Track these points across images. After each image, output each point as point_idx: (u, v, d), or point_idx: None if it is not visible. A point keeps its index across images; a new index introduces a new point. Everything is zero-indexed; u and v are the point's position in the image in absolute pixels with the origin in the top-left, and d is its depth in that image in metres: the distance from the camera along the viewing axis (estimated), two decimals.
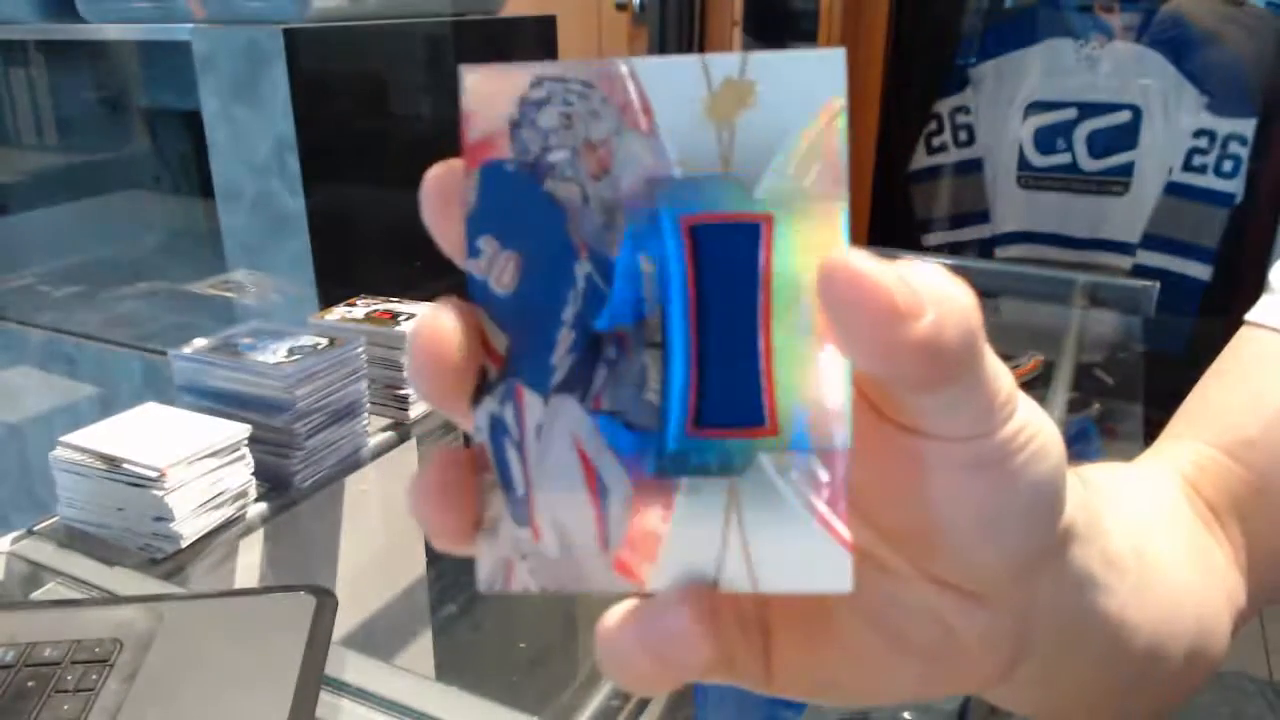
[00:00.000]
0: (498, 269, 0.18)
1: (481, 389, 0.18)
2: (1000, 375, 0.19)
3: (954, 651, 0.22)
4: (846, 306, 0.17)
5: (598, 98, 0.18)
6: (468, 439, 0.19)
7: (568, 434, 0.18)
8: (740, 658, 0.22)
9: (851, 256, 0.17)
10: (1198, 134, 2.11)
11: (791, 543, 0.18)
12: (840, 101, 0.17)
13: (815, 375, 0.18)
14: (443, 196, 0.19)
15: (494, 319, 0.18)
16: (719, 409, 0.18)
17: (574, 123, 0.18)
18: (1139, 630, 0.28)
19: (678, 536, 0.18)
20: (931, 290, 0.17)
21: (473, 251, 0.18)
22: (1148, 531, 0.31)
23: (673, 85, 0.17)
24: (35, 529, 0.76)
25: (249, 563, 0.79)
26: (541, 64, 0.18)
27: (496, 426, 0.18)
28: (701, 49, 2.22)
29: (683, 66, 0.17)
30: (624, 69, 0.18)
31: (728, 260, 0.18)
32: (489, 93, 0.18)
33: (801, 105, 0.17)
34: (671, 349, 0.18)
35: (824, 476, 0.18)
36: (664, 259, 0.18)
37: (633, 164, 0.18)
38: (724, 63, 0.17)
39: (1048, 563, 0.23)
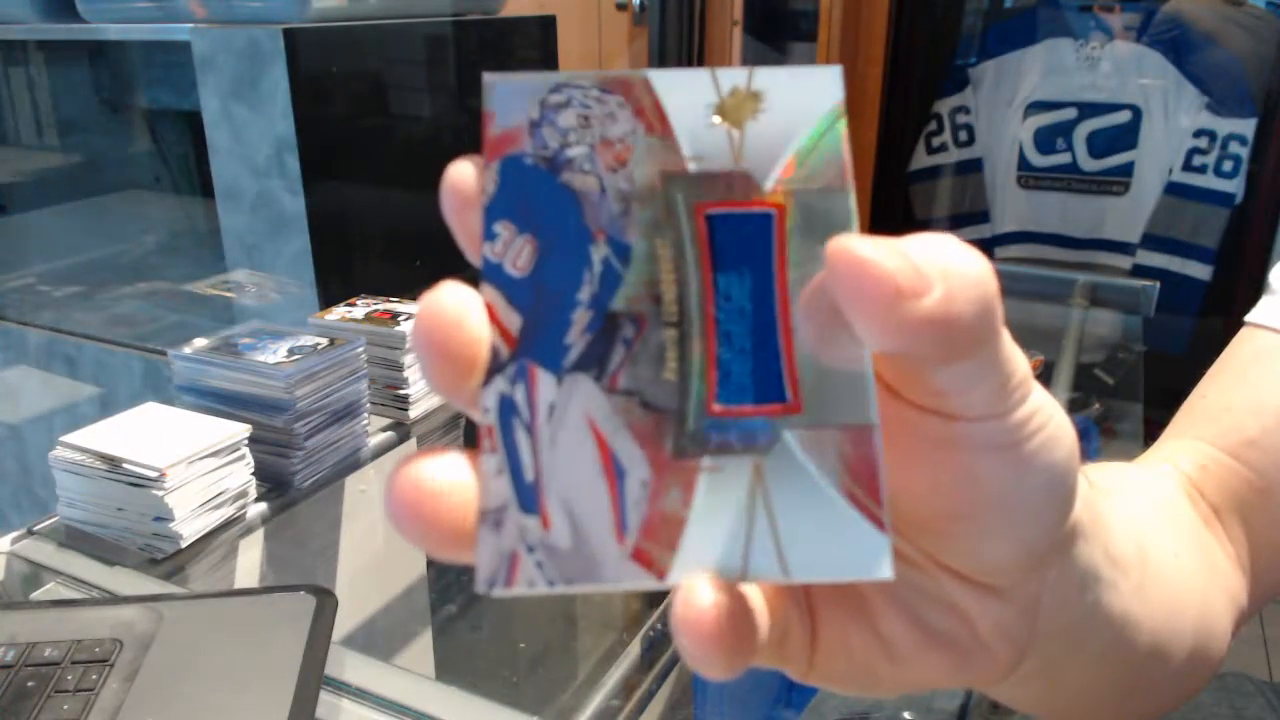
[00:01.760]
0: (514, 252, 0.18)
1: (492, 369, 0.18)
2: (1015, 357, 0.19)
3: (974, 643, 0.23)
4: (850, 290, 0.17)
5: (615, 102, 0.18)
6: (468, 439, 0.19)
7: (582, 414, 0.18)
8: (793, 636, 0.22)
9: (853, 241, 0.17)
10: (1198, 134, 2.11)
11: (824, 527, 0.17)
12: (841, 109, 0.18)
13: (835, 353, 0.18)
14: (463, 188, 0.19)
15: (508, 300, 0.18)
16: (739, 387, 0.18)
17: (592, 123, 0.18)
18: (1141, 628, 0.28)
19: (700, 521, 0.17)
20: (939, 264, 0.17)
21: (489, 236, 0.18)
22: (1150, 530, 0.31)
23: (685, 92, 0.18)
24: (35, 529, 0.76)
25: (249, 563, 0.79)
26: (561, 73, 0.19)
27: (506, 407, 0.18)
28: (702, 49, 2.22)
29: (694, 76, 0.18)
30: (639, 78, 0.19)
31: (742, 245, 0.18)
32: (510, 95, 0.19)
33: (805, 112, 0.18)
34: (689, 328, 0.18)
35: (855, 454, 0.17)
36: (680, 243, 0.18)
37: (648, 158, 0.18)
38: (732, 74, 0.18)
39: (1054, 558, 0.23)
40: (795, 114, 0.18)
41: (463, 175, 0.19)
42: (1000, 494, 0.20)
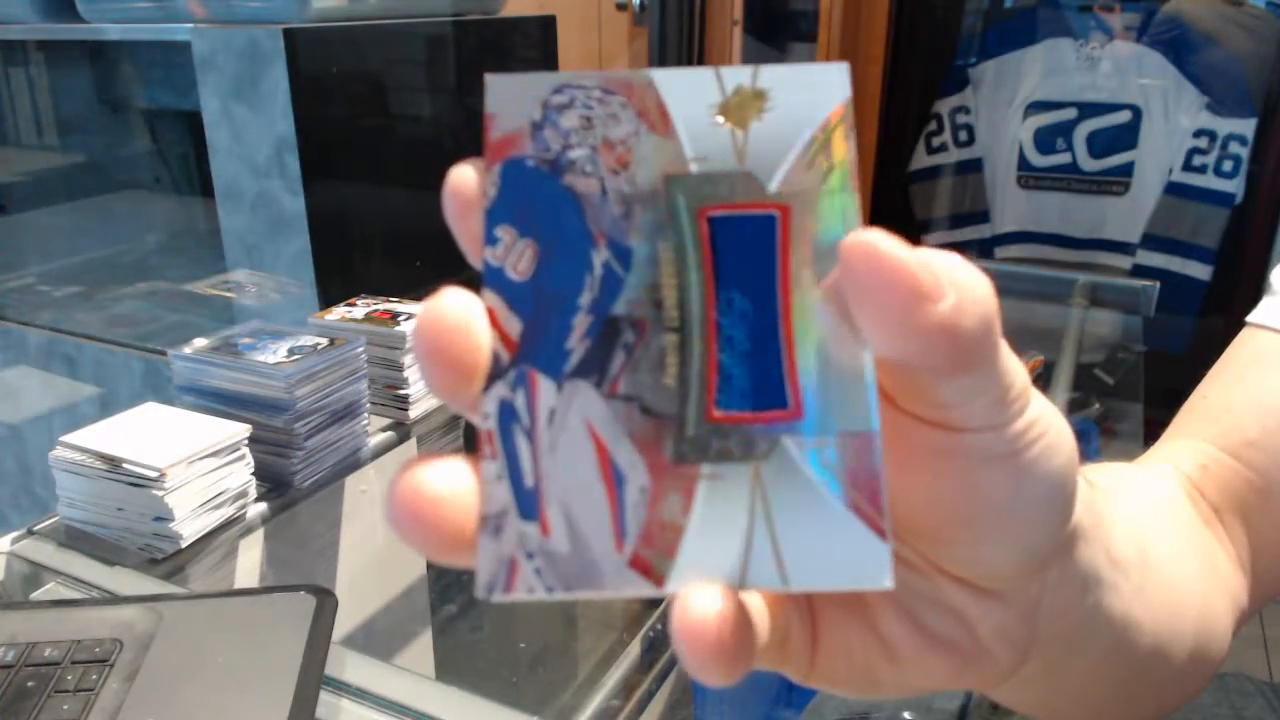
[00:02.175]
0: (514, 256, 0.18)
1: (492, 375, 0.18)
2: (1014, 368, 0.19)
3: (975, 646, 0.23)
4: (868, 286, 0.17)
5: (617, 103, 0.18)
6: (468, 441, 0.18)
7: (582, 420, 0.18)
8: (794, 639, 0.22)
9: (875, 237, 0.17)
10: (1198, 134, 2.11)
11: (824, 535, 0.17)
12: (847, 107, 0.18)
13: (837, 360, 0.18)
14: (464, 192, 0.19)
15: (509, 305, 0.18)
16: (739, 393, 0.18)
17: (594, 124, 0.18)
18: (1142, 630, 0.28)
19: (699, 528, 0.17)
20: (951, 274, 0.17)
21: (490, 240, 0.18)
22: (1150, 531, 0.31)
23: (689, 91, 0.18)
24: (35, 529, 0.76)
25: (249, 563, 0.79)
26: (563, 73, 0.18)
27: (506, 413, 0.18)
28: (702, 49, 2.22)
29: (698, 75, 0.18)
30: (642, 79, 0.18)
31: (745, 248, 0.18)
32: (512, 96, 0.19)
33: (810, 110, 0.18)
34: (689, 333, 0.18)
35: (856, 462, 0.17)
36: (681, 246, 0.18)
37: (651, 160, 0.18)
38: (737, 73, 0.18)
39: (1055, 561, 0.23)
40: (800, 113, 0.18)
41: (464, 179, 0.19)
42: (1000, 502, 0.20)
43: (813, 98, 0.18)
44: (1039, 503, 0.20)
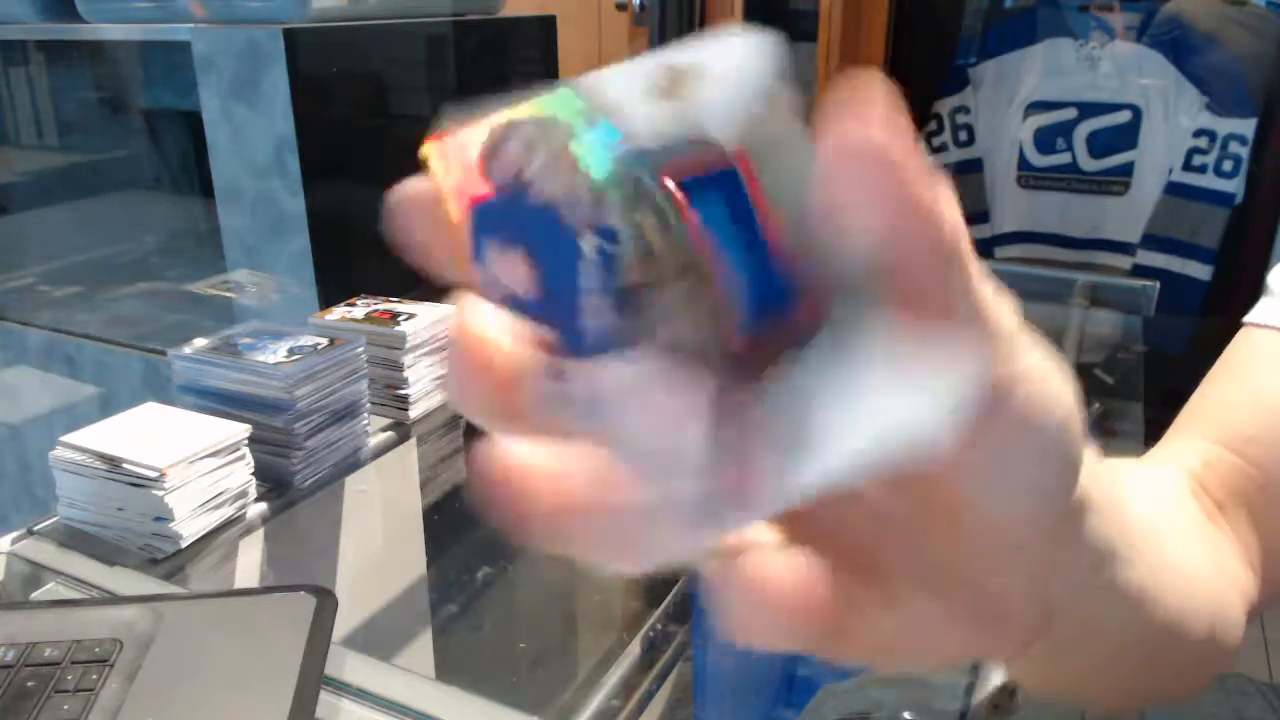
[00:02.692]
0: (509, 269, 0.19)
1: (533, 376, 0.19)
2: (1001, 311, 0.19)
3: (989, 613, 0.22)
4: (854, 179, 0.17)
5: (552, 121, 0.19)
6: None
7: (623, 386, 0.18)
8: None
9: (849, 129, 0.17)
10: (1198, 134, 2.11)
11: (892, 387, 0.18)
12: (778, 65, 0.19)
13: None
14: (418, 201, 0.19)
15: (518, 311, 0.19)
16: (756, 316, 0.19)
17: (539, 144, 0.19)
18: (1158, 603, 0.28)
19: (769, 444, 0.18)
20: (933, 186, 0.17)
21: (481, 259, 0.19)
22: (1160, 517, 0.31)
23: (621, 83, 0.19)
24: (35, 529, 0.76)
25: (249, 563, 0.79)
26: (493, 115, 0.19)
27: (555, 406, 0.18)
28: None
29: (623, 68, 0.19)
30: (567, 89, 0.19)
31: (717, 199, 0.19)
32: (450, 154, 0.20)
33: (744, 74, 0.19)
34: (693, 281, 0.19)
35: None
36: (660, 210, 0.19)
37: (600, 152, 0.19)
38: (662, 55, 0.19)
39: (1065, 531, 0.23)
40: (735, 78, 0.19)
41: (411, 189, 0.19)
42: (996, 460, 0.20)
43: (744, 64, 0.19)
44: (1037, 459, 0.20)
